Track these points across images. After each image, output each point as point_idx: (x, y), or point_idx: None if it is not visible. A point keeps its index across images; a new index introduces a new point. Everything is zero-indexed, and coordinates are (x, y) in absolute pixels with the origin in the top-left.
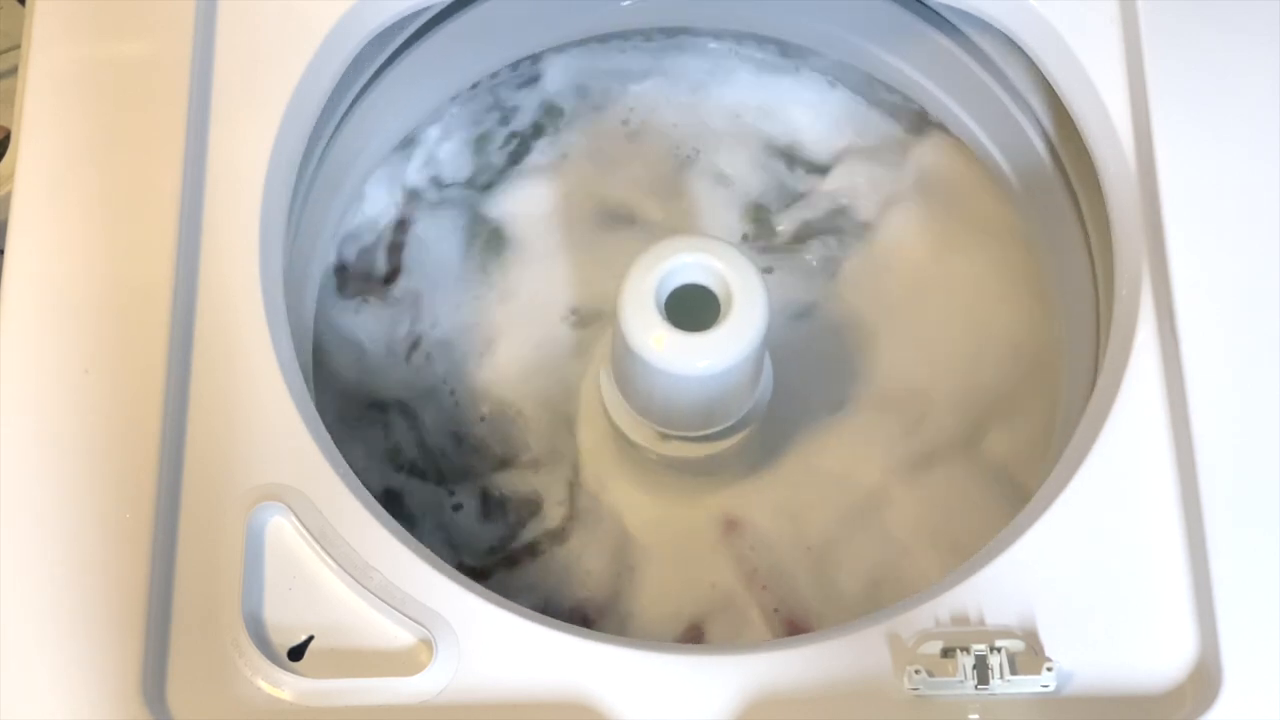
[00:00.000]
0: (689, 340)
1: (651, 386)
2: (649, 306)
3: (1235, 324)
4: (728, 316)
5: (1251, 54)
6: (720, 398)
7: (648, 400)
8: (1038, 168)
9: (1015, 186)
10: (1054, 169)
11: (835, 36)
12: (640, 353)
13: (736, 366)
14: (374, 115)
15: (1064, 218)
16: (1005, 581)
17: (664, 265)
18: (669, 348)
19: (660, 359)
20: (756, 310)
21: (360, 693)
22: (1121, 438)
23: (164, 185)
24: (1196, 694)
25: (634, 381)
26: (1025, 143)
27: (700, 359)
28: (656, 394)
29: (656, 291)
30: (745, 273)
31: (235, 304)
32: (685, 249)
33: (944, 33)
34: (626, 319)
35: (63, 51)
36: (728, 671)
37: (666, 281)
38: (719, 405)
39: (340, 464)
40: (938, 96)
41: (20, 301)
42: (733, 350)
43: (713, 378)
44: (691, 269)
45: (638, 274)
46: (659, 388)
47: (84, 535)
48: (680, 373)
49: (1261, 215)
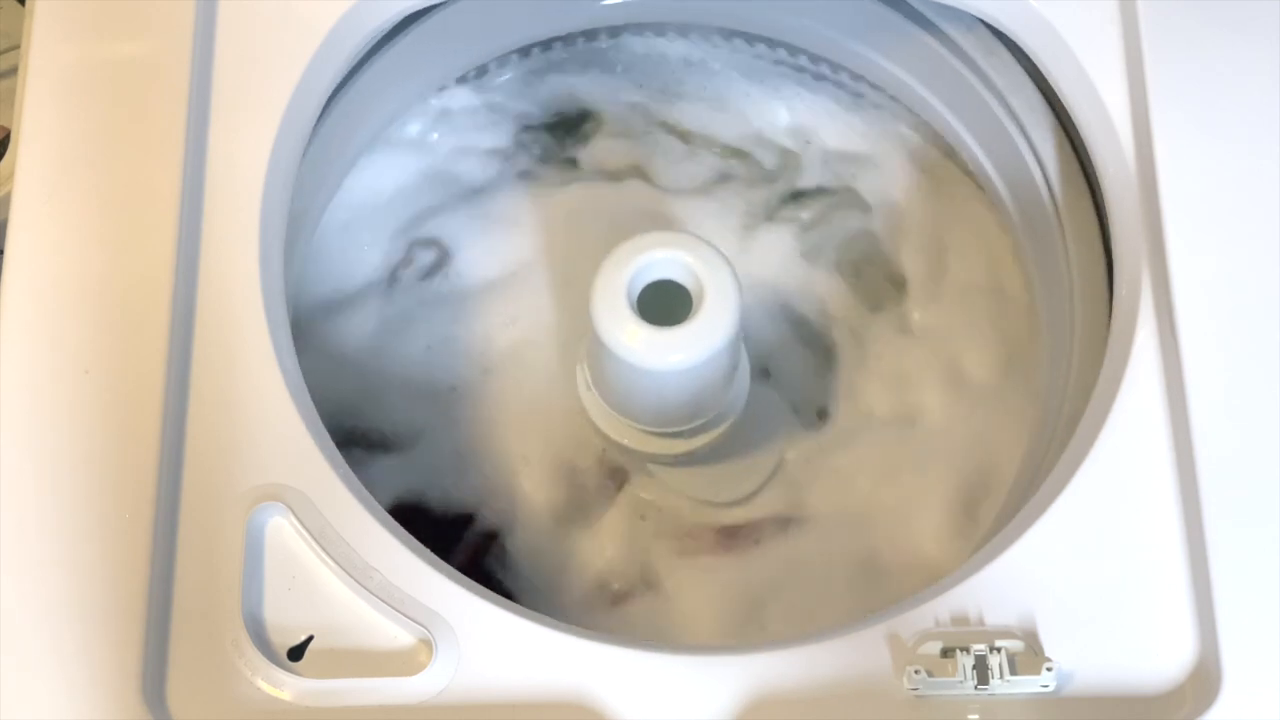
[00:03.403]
0: (662, 335)
1: (627, 383)
2: (621, 302)
3: (1235, 324)
4: (700, 311)
5: (1251, 54)
6: (695, 393)
7: (623, 397)
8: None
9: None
10: (1040, 177)
11: (823, 36)
12: (613, 348)
13: (710, 361)
14: (357, 109)
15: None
16: (1005, 581)
17: (636, 261)
18: (642, 343)
19: (633, 354)
20: (729, 304)
21: (360, 693)
22: (1121, 438)
23: (164, 185)
24: (1196, 694)
25: (609, 378)
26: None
27: (673, 353)
28: (632, 390)
29: (629, 287)
30: (717, 267)
31: (235, 304)
32: (657, 244)
33: (933, 36)
34: (599, 315)
35: (63, 51)
36: (728, 671)
37: (638, 277)
38: (694, 400)
39: (340, 464)
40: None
41: (20, 301)
42: (706, 344)
43: (686, 372)
44: (663, 264)
45: (609, 270)
46: (634, 384)
47: (84, 535)
48: (654, 368)
49: (1261, 215)
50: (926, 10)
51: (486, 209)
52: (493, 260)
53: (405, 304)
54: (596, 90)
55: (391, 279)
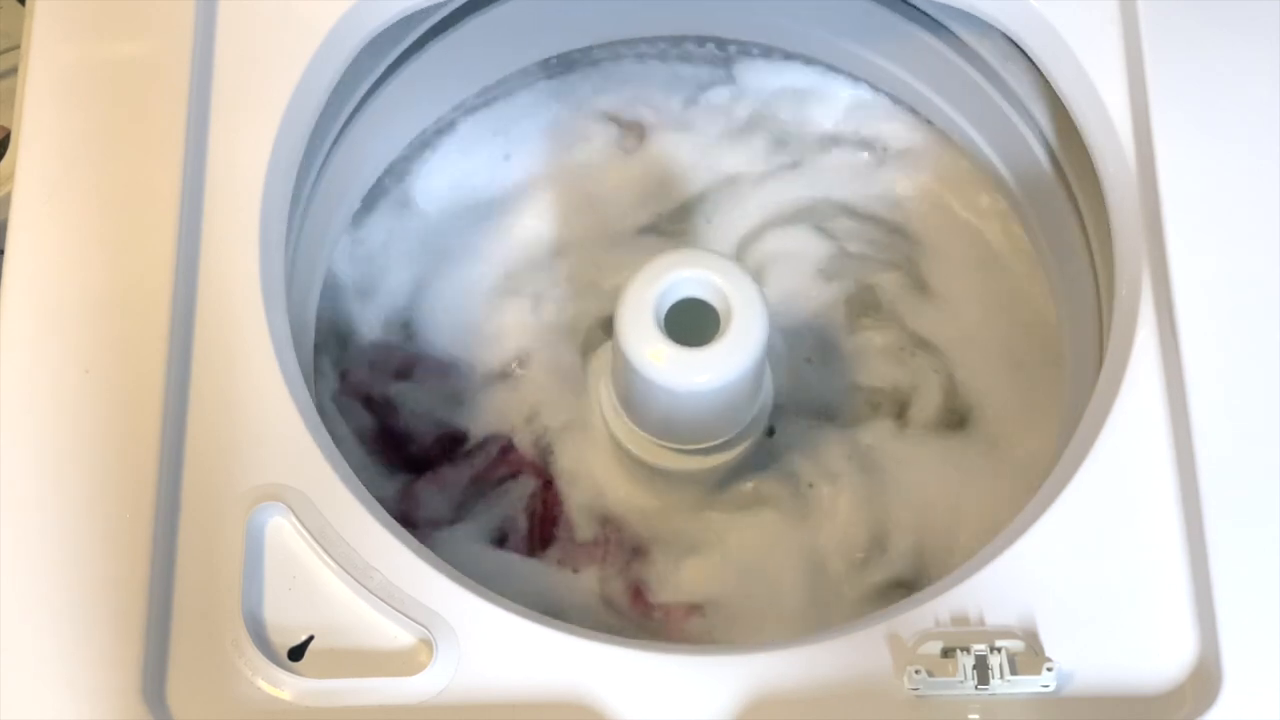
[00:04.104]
0: (688, 355)
1: (651, 401)
2: (648, 322)
3: (1235, 324)
4: (727, 331)
5: (1251, 54)
6: (720, 412)
7: (647, 414)
8: (1035, 170)
9: (1013, 187)
10: (1052, 170)
11: (828, 41)
12: (639, 368)
13: (736, 380)
14: (377, 123)
15: (1063, 219)
16: (1005, 581)
17: (663, 280)
18: (668, 362)
19: (659, 374)
20: (756, 324)
21: (360, 693)
22: (1121, 438)
23: (164, 185)
24: (1196, 694)
25: (634, 396)
26: (1023, 146)
27: (700, 374)
28: (656, 409)
29: (655, 306)
30: (744, 287)
31: (235, 304)
32: (684, 264)
33: (938, 36)
34: (625, 334)
35: (63, 51)
36: (728, 671)
37: (665, 296)
38: (718, 419)
39: (340, 464)
40: (933, 100)
41: (20, 301)
42: (732, 364)
43: (712, 392)
44: (690, 284)
45: (636, 289)
46: (659, 402)
47: (84, 535)
48: (680, 388)
49: (1261, 215)
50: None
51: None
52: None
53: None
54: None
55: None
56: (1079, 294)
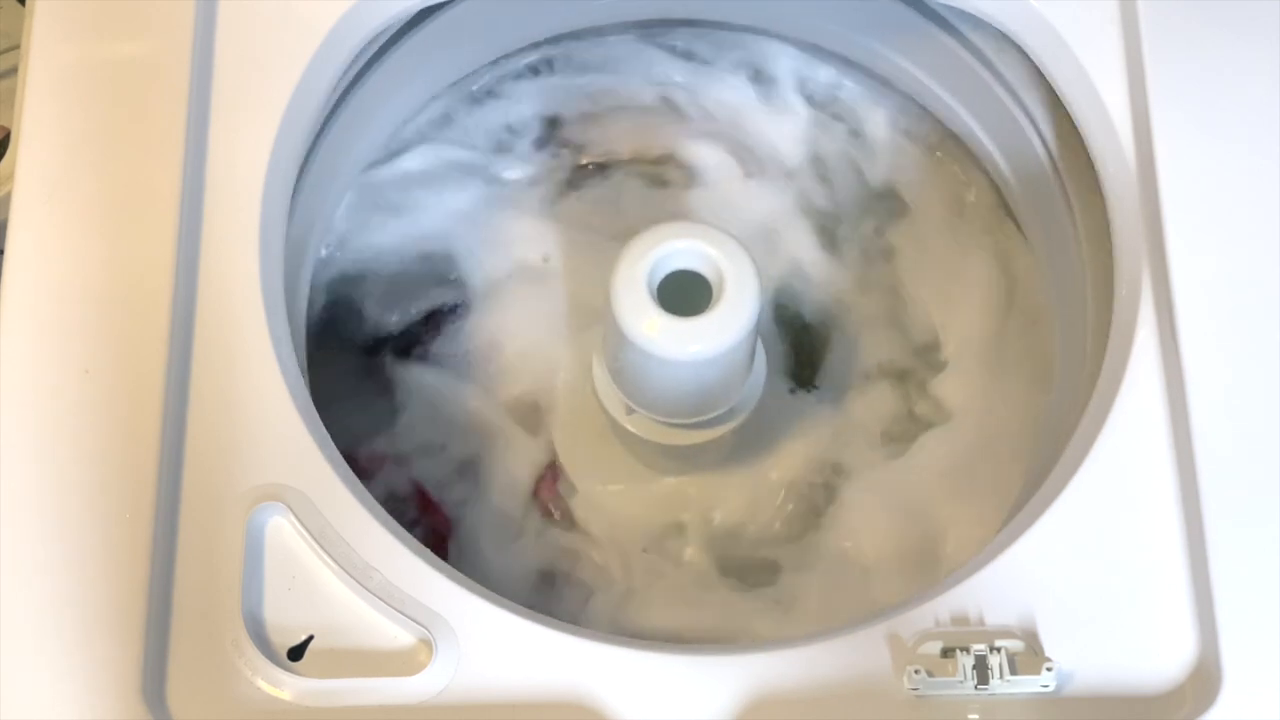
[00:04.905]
0: (681, 325)
1: (644, 373)
2: (641, 292)
3: (1235, 324)
4: (720, 301)
5: (1251, 54)
6: (713, 384)
7: (640, 387)
8: (1035, 169)
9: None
10: (1051, 169)
11: (837, 34)
12: (633, 338)
13: (729, 352)
14: (364, 112)
15: (1060, 218)
16: (1005, 581)
17: (656, 251)
18: (661, 333)
19: (653, 344)
20: (748, 295)
21: (360, 693)
22: (1121, 438)
23: (163, 185)
24: (1196, 694)
25: (627, 368)
26: (1024, 143)
27: (692, 344)
28: (649, 380)
29: (649, 277)
30: (738, 258)
31: (235, 304)
32: (677, 235)
33: (945, 30)
34: (619, 304)
35: (63, 51)
36: (728, 671)
37: (659, 267)
38: (711, 392)
39: (340, 464)
40: (939, 94)
41: (20, 301)
42: (725, 335)
43: (705, 363)
44: (684, 255)
45: (630, 260)
46: (652, 374)
47: (84, 535)
48: (672, 358)
49: (1261, 215)
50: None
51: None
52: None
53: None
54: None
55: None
56: (1072, 293)
